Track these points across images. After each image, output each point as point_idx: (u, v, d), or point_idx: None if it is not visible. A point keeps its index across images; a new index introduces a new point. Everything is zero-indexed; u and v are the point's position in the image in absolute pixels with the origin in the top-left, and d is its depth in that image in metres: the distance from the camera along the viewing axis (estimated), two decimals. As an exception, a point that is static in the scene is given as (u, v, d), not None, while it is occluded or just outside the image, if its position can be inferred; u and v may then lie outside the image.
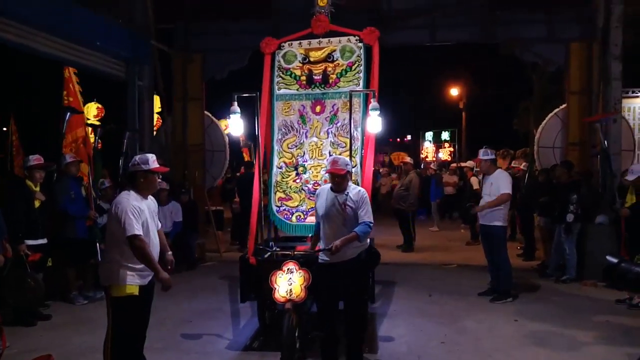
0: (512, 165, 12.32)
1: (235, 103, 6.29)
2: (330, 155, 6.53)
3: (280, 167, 6.84)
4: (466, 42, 12.49)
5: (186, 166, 11.54)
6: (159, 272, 4.26)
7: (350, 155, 6.23)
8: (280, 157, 6.88)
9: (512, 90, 25.22)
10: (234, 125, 6.51)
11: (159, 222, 4.71)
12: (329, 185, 5.09)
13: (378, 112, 6.17)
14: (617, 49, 9.23)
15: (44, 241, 6.94)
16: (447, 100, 32.66)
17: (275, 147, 6.90)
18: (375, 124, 6.24)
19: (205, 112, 12.26)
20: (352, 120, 6.38)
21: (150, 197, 4.60)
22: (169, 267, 4.72)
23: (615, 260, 1.81)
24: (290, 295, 4.86)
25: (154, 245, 4.46)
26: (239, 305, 6.90)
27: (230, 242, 12.56)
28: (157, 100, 11.83)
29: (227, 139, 12.39)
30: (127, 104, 10.20)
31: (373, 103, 6.19)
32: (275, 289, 4.91)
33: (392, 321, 6.72)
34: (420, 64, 28.30)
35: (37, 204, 6.93)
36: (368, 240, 5.11)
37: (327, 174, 5.11)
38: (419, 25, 11.08)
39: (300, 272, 4.92)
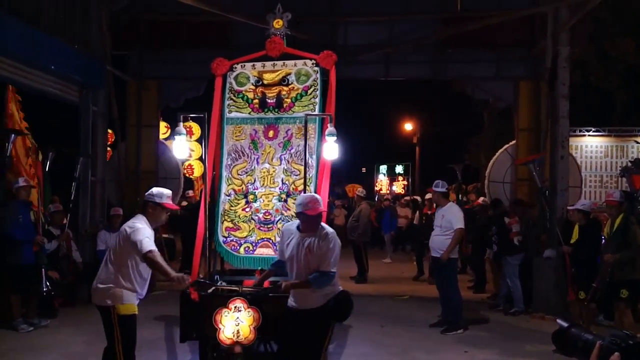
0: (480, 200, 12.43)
1: (181, 124, 5.85)
2: (283, 184, 6.27)
3: (229, 195, 6.33)
4: (419, 79, 12.82)
5: (138, 193, 11.33)
6: (171, 276, 4.46)
7: (305, 184, 6.02)
8: (229, 184, 6.36)
9: (464, 126, 25.87)
10: (179, 148, 6.02)
11: None
12: (296, 223, 4.62)
13: (335, 137, 5.88)
14: (565, 88, 9.55)
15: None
16: (402, 134, 33.25)
17: (224, 173, 6.39)
18: (332, 150, 5.95)
19: (160, 139, 12.15)
20: (307, 147, 6.07)
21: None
22: None
23: (565, 325, 1.71)
24: (238, 337, 4.52)
25: (150, 272, 4.76)
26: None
27: (183, 271, 12.32)
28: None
29: (181, 166, 12.26)
30: (81, 129, 10.02)
31: (330, 128, 5.88)
32: (220, 329, 4.54)
33: (344, 352, 6.68)
34: (377, 98, 28.84)
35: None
36: (339, 287, 4.61)
37: (300, 214, 4.50)
38: (373, 61, 11.33)
39: (249, 312, 4.55)
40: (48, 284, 7.51)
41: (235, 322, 4.53)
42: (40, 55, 8.28)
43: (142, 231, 4.47)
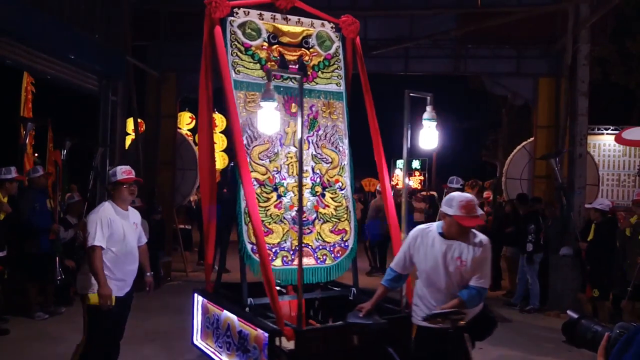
0: (485, 195, 12.42)
1: (272, 86, 4.44)
2: (314, 172, 5.09)
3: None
4: (438, 74, 12.78)
5: (156, 183, 11.43)
6: (102, 286, 4.26)
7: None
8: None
9: (482, 123, 25.74)
10: (267, 119, 4.34)
11: (143, 237, 4.82)
12: (435, 226, 3.86)
13: (435, 122, 4.90)
14: (584, 85, 9.47)
15: (3, 254, 6.80)
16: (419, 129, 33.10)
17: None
18: (431, 138, 4.92)
19: (178, 129, 12.22)
20: (337, 129, 5.30)
21: (133, 210, 4.74)
22: (147, 289, 4.82)
23: (575, 316, 1.73)
24: None
25: (133, 258, 4.57)
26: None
27: (197, 262, 12.43)
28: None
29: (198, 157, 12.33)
30: (99, 119, 10.11)
31: (429, 111, 4.88)
32: None
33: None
34: (394, 91, 28.73)
35: (1, 216, 6.82)
36: (481, 303, 3.94)
37: (447, 217, 3.71)
38: (392, 55, 11.30)
39: None
40: (61, 270, 7.58)
41: None
42: (60, 45, 8.35)
43: (94, 220, 4.36)
